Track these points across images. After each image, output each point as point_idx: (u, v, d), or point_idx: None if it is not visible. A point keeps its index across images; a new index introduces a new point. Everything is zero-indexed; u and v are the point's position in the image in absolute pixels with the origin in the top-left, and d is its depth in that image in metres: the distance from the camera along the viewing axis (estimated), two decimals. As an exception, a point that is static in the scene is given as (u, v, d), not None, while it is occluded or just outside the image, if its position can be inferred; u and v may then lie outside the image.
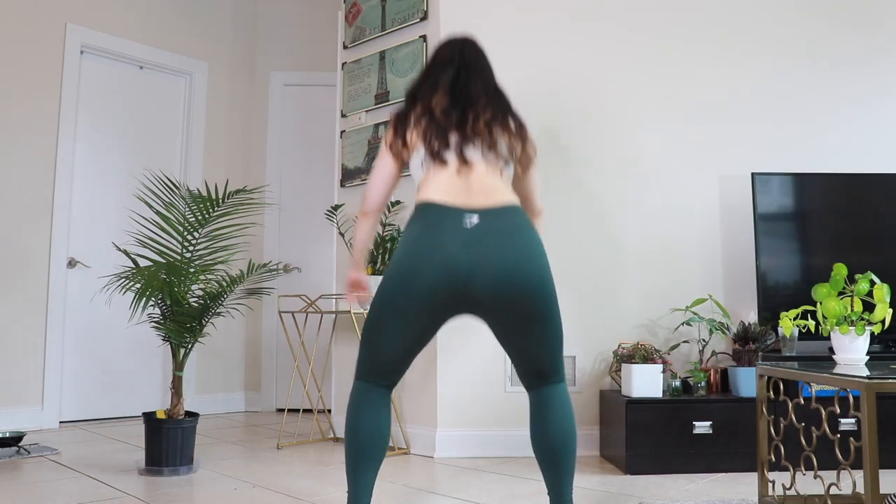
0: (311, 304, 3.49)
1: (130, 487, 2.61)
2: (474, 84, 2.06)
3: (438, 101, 2.03)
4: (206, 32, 4.82)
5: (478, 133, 1.97)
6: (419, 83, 2.12)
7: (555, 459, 1.92)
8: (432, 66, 2.14)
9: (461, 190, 1.91)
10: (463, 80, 2.06)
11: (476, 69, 2.11)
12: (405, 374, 2.00)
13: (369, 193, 2.08)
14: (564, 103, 3.46)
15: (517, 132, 2.05)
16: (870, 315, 2.10)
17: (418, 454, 3.30)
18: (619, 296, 3.39)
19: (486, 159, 1.95)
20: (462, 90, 2.04)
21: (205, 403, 4.57)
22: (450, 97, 2.03)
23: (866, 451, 1.68)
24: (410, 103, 2.08)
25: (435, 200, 1.90)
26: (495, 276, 1.82)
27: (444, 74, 2.08)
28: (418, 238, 1.87)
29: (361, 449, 1.91)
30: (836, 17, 3.63)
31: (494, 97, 2.07)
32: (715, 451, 2.92)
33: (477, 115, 1.99)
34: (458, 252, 1.82)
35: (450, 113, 2.00)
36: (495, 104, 2.05)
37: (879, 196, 3.40)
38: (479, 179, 1.93)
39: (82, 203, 4.23)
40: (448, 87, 2.05)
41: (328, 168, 4.55)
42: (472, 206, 1.87)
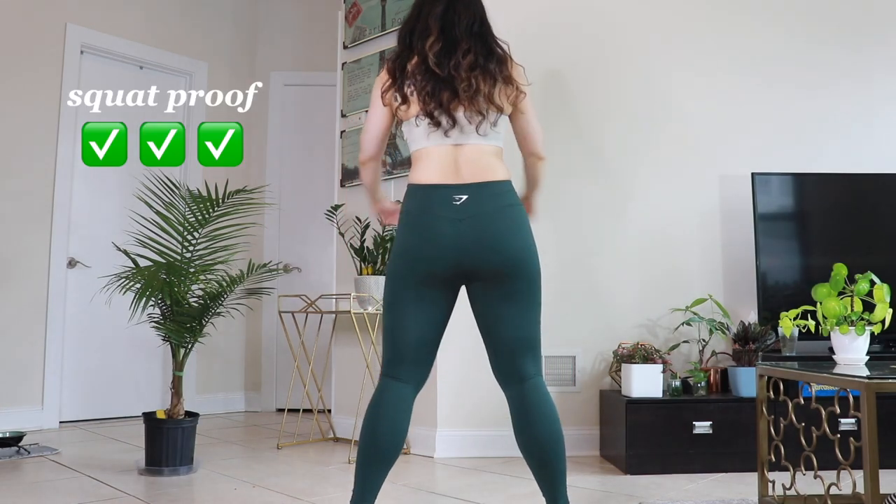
0: (311, 304, 3.49)
1: (130, 487, 2.61)
2: (460, 19, 2.01)
3: (432, 45, 1.97)
4: (206, 32, 4.82)
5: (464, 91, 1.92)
6: (411, 23, 2.06)
7: (546, 463, 1.91)
8: (422, 1, 2.08)
9: (450, 165, 1.94)
10: (450, 16, 2.01)
11: (462, 1, 2.05)
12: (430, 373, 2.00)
13: (365, 142, 2.10)
14: (564, 99, 3.46)
15: (500, 76, 1.98)
16: (870, 315, 2.10)
17: (418, 454, 3.30)
18: (619, 296, 3.39)
19: (473, 122, 1.94)
20: (449, 28, 1.99)
21: (205, 403, 4.56)
22: (442, 40, 1.98)
23: (866, 451, 1.68)
24: (406, 49, 2.03)
25: (426, 182, 1.95)
26: (481, 250, 1.88)
27: (435, 9, 2.02)
28: (413, 219, 1.94)
29: (377, 451, 1.90)
30: (837, 17, 3.63)
31: (478, 36, 2.01)
32: (715, 451, 2.91)
33: (458, 62, 1.95)
34: (448, 228, 1.88)
35: (442, 61, 1.95)
36: (478, 44, 2.00)
37: (879, 196, 3.40)
38: (468, 154, 1.95)
39: (82, 203, 4.23)
40: (439, 27, 2.00)
41: (328, 168, 4.54)
42: (460, 183, 1.92)
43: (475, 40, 2.00)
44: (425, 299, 1.93)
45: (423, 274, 1.91)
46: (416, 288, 1.92)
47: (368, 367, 3.31)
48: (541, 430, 1.90)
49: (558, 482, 1.92)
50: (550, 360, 3.31)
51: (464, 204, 1.90)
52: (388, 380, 1.95)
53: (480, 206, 1.90)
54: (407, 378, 1.95)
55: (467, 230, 1.88)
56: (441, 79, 1.94)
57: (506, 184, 1.97)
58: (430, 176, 1.95)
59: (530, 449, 1.92)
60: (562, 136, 3.44)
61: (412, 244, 1.93)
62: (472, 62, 1.96)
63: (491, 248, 1.89)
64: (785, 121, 3.54)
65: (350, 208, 3.71)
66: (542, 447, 1.90)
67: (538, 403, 1.92)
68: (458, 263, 1.90)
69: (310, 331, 3.86)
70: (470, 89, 1.93)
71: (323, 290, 3.82)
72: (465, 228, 1.89)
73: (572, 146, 3.44)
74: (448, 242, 1.89)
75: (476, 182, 1.92)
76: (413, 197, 1.97)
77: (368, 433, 1.91)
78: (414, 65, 1.98)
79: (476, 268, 1.91)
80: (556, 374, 3.32)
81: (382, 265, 3.44)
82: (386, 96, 2.01)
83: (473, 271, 1.91)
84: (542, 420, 1.90)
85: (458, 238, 1.88)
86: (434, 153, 1.96)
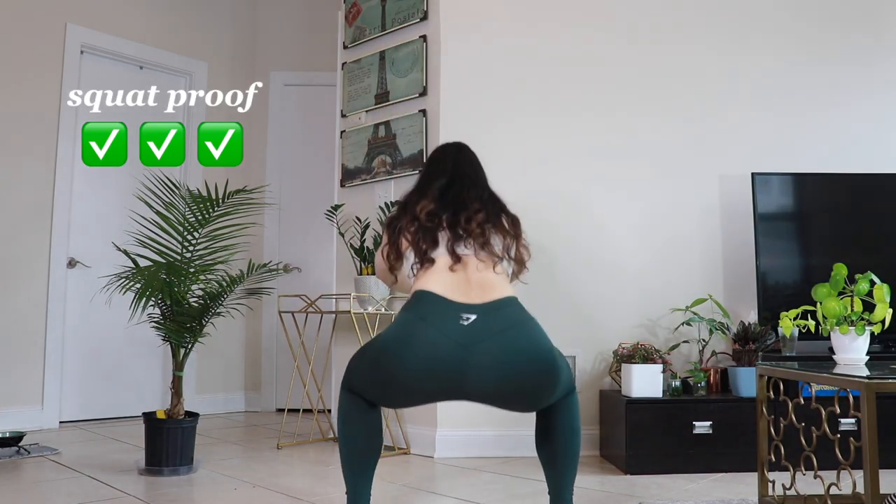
0: (311, 304, 3.49)
1: (130, 487, 2.61)
2: (468, 191, 2.08)
3: (424, 206, 2.04)
4: (206, 32, 4.82)
5: (470, 233, 1.97)
6: (411, 192, 2.15)
7: (558, 459, 1.94)
8: (425, 175, 2.19)
9: (459, 285, 1.88)
10: (456, 189, 2.09)
11: (469, 177, 2.14)
12: None
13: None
14: (565, 101, 3.46)
15: (511, 230, 2.06)
16: (870, 315, 2.10)
17: (418, 454, 3.29)
18: (619, 296, 3.39)
19: (478, 256, 1.95)
20: (454, 196, 2.06)
21: (205, 403, 4.56)
22: (437, 203, 2.04)
23: (866, 451, 1.68)
24: (401, 211, 2.10)
25: (433, 290, 1.86)
26: (496, 373, 1.79)
27: (437, 183, 2.11)
28: (410, 327, 1.82)
29: (358, 453, 1.93)
30: (836, 17, 3.63)
31: (489, 201, 2.09)
32: (715, 451, 2.91)
33: (469, 217, 2.00)
34: (451, 352, 1.76)
35: (435, 215, 2.01)
36: (489, 206, 2.07)
37: (879, 196, 3.40)
38: (475, 275, 1.92)
39: (82, 203, 4.23)
40: (437, 194, 2.07)
41: (328, 168, 4.54)
42: (469, 303, 1.83)
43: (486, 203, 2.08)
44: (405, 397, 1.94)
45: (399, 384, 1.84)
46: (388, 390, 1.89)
47: (368, 367, 3.31)
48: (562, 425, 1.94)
49: (568, 477, 1.97)
50: (550, 360, 3.31)
51: (472, 325, 1.80)
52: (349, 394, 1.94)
53: (489, 327, 1.80)
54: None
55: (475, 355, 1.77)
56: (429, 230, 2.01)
57: (513, 300, 1.91)
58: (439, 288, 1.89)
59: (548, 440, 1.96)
60: (562, 136, 3.45)
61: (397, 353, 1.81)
62: (485, 218, 2.02)
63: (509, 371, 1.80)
64: (785, 121, 3.54)
65: (350, 208, 3.71)
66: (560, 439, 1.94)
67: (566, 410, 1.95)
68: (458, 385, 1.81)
69: (310, 331, 3.86)
70: (482, 238, 1.98)
71: (323, 290, 3.82)
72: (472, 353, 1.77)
73: (572, 146, 3.44)
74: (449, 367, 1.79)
75: (485, 302, 1.86)
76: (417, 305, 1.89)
77: (346, 441, 1.93)
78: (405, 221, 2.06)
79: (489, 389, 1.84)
80: (556, 374, 3.32)
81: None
82: (385, 255, 2.09)
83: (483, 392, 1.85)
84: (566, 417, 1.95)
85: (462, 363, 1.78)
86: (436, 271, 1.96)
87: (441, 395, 1.90)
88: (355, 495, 1.92)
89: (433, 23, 3.47)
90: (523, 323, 1.85)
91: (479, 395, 1.85)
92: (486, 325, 1.79)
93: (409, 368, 1.78)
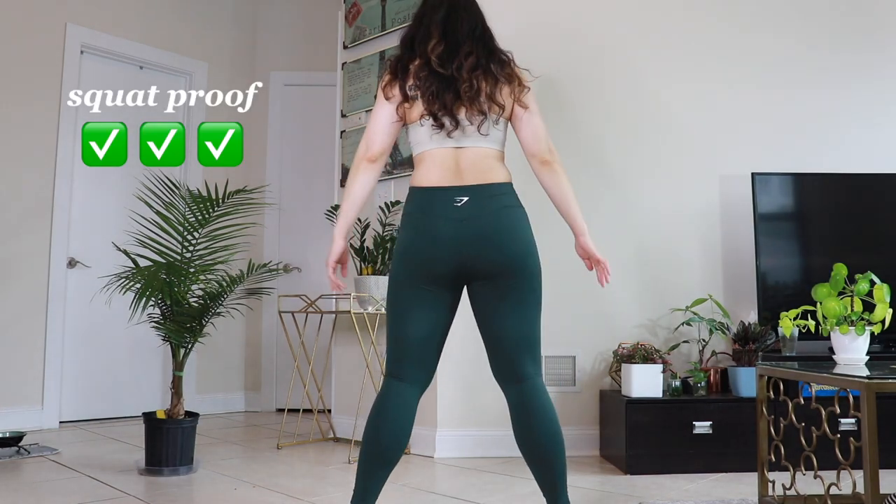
0: (311, 304, 3.49)
1: (130, 487, 2.61)
2: (461, 24, 2.04)
3: (434, 47, 2.00)
4: (206, 32, 4.82)
5: (465, 93, 1.94)
6: (413, 29, 2.08)
7: (545, 463, 1.91)
8: (423, 9, 2.11)
9: (452, 168, 1.95)
10: (452, 21, 2.04)
11: (462, 7, 2.09)
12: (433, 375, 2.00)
13: (372, 137, 2.00)
14: (564, 101, 3.46)
15: (502, 74, 2.00)
16: (870, 315, 2.10)
17: (418, 454, 3.29)
18: (619, 296, 3.39)
19: (474, 122, 1.95)
20: (451, 32, 2.02)
21: (205, 403, 4.56)
22: (444, 43, 2.00)
23: (866, 451, 1.68)
24: (408, 51, 2.04)
25: (428, 184, 1.95)
26: (481, 250, 1.89)
27: (436, 16, 2.05)
28: (415, 220, 1.95)
29: (380, 452, 1.90)
30: (837, 17, 3.63)
31: (480, 39, 2.04)
32: (715, 451, 2.91)
33: (461, 64, 1.97)
34: (449, 229, 1.89)
35: (445, 62, 1.97)
36: (480, 46, 2.02)
37: (879, 196, 3.40)
38: (469, 156, 1.96)
39: (82, 203, 4.23)
40: (440, 32, 2.03)
41: (328, 168, 4.54)
42: (462, 185, 1.93)
43: (477, 43, 2.03)
44: (427, 300, 1.94)
45: (425, 274, 1.92)
46: (417, 289, 1.93)
47: (368, 367, 3.31)
48: (540, 431, 1.90)
49: (558, 482, 1.92)
50: (550, 360, 3.31)
51: (465, 205, 1.91)
52: (391, 380, 1.96)
53: (481, 207, 1.92)
54: (410, 378, 1.95)
55: (468, 230, 1.90)
56: (445, 79, 1.95)
57: (506, 185, 1.99)
58: (432, 178, 1.96)
59: (530, 449, 1.93)
60: (562, 136, 3.44)
61: (413, 245, 1.94)
62: (474, 63, 1.98)
63: (492, 248, 1.90)
64: (785, 121, 3.54)
65: (350, 208, 3.70)
66: (542, 447, 1.91)
67: (537, 404, 1.92)
68: (459, 263, 1.91)
69: (310, 331, 3.86)
70: (471, 90, 1.94)
71: (323, 290, 3.82)
72: (465, 229, 1.90)
73: (573, 146, 3.44)
74: (449, 242, 1.90)
75: (477, 184, 1.94)
76: (414, 199, 1.98)
77: (372, 434, 1.91)
78: (417, 66, 1.99)
79: (476, 267, 1.92)
80: (556, 374, 3.32)
81: (382, 265, 3.44)
82: (388, 91, 2.00)
83: (474, 271, 1.93)
84: (541, 420, 1.91)
85: (458, 238, 1.90)
86: (437, 156, 1.97)
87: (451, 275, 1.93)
88: (364, 496, 1.90)
89: (433, 23, 3.46)
90: (511, 206, 1.96)
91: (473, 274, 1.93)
92: (478, 206, 1.91)
93: (426, 249, 1.91)
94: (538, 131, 2.04)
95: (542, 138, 2.05)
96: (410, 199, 2.00)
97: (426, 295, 1.94)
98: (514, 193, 2.00)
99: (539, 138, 2.04)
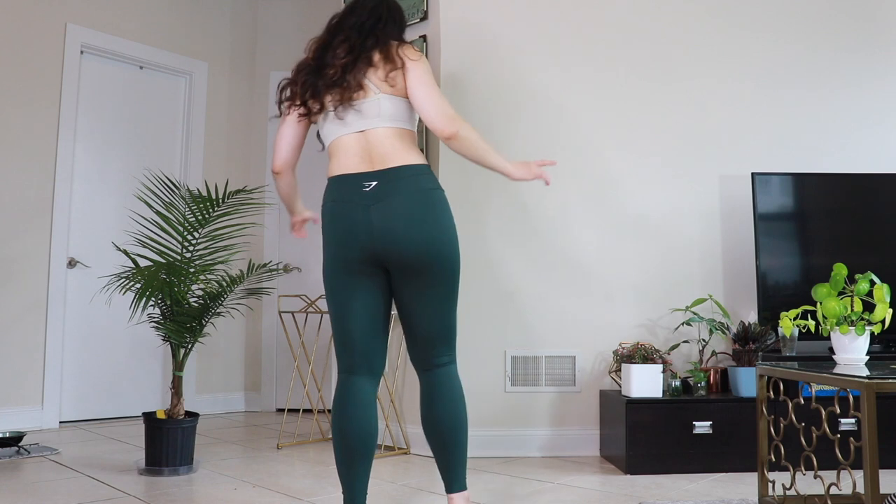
0: (311, 304, 3.49)
1: (130, 487, 2.61)
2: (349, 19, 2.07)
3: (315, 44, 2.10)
4: (206, 32, 4.82)
5: (330, 79, 1.98)
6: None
7: (445, 444, 1.96)
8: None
9: (360, 153, 1.97)
10: (345, 19, 2.09)
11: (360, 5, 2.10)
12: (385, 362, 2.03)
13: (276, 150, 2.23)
14: (565, 102, 3.46)
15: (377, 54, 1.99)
16: (870, 315, 2.10)
17: (418, 454, 3.29)
18: (619, 296, 3.39)
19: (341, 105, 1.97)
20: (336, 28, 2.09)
21: (205, 403, 4.57)
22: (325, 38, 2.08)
23: (866, 451, 1.68)
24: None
25: (339, 173, 1.99)
26: (390, 238, 1.89)
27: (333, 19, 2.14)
28: (329, 209, 2.00)
29: (351, 449, 1.91)
30: (837, 18, 3.63)
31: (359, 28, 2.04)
32: (715, 451, 2.91)
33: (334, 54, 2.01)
34: (361, 215, 1.91)
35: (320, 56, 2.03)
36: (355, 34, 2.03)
37: (879, 196, 3.40)
38: (372, 139, 1.97)
39: (82, 203, 4.23)
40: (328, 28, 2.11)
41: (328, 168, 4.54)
42: (371, 170, 1.94)
43: (354, 31, 2.03)
44: (357, 288, 1.95)
45: (346, 263, 1.94)
46: (344, 278, 1.95)
47: (368, 367, 3.31)
48: (442, 412, 1.95)
49: (456, 464, 1.96)
50: (550, 360, 3.31)
51: (373, 190, 1.91)
52: (344, 375, 1.98)
53: (389, 191, 1.91)
54: (362, 370, 1.96)
55: (377, 216, 1.90)
56: (314, 70, 2.01)
57: (417, 167, 1.95)
58: (343, 166, 1.98)
59: (432, 429, 1.97)
60: (562, 135, 3.45)
61: (331, 235, 1.98)
62: (347, 49, 1.99)
63: (399, 236, 1.89)
64: (785, 121, 3.54)
65: (350, 208, 3.70)
66: (443, 428, 1.95)
67: (445, 389, 1.97)
68: (372, 249, 1.91)
69: (310, 331, 3.86)
70: (335, 75, 1.96)
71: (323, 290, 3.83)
72: (374, 215, 1.90)
73: (573, 146, 3.44)
74: (360, 228, 1.91)
75: (385, 168, 1.93)
76: (329, 189, 2.02)
77: (339, 434, 1.92)
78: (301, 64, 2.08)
79: (387, 256, 1.91)
80: (556, 374, 3.32)
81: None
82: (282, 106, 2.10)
83: (386, 259, 1.93)
84: (445, 402, 1.96)
85: (368, 224, 1.90)
86: (343, 143, 2.01)
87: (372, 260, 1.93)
88: (352, 495, 1.91)
89: (433, 23, 3.47)
90: (421, 190, 1.92)
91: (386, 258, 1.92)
92: (385, 190, 1.90)
93: (342, 237, 1.93)
94: (429, 106, 1.96)
95: (433, 112, 1.96)
96: (326, 189, 2.04)
97: (355, 285, 1.94)
98: (428, 175, 1.97)
99: (430, 112, 1.96)
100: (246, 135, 4.99)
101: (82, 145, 4.24)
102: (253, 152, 4.98)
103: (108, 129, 4.37)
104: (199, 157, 4.71)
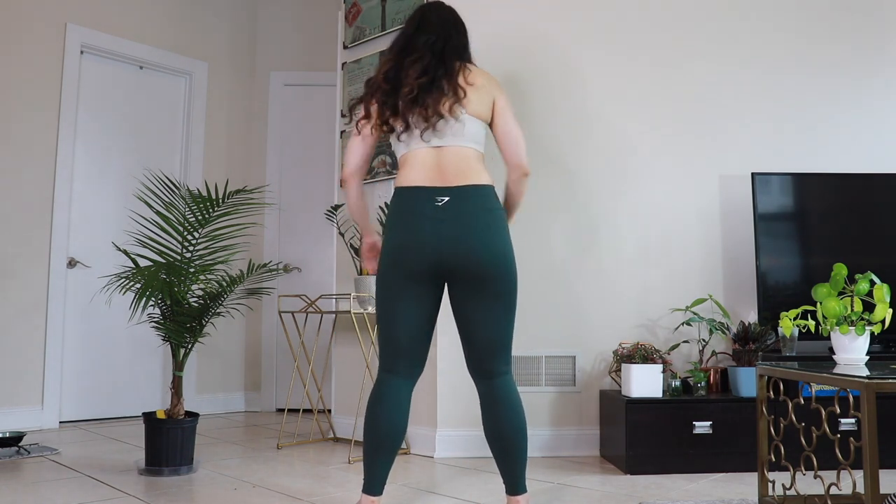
0: (311, 304, 3.49)
1: (130, 487, 2.61)
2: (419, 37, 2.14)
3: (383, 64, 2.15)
4: (206, 32, 4.82)
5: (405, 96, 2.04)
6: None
7: (509, 452, 2.05)
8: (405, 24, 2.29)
9: (433, 168, 2.04)
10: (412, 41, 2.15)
11: (427, 26, 2.18)
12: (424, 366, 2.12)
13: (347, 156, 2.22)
14: (559, 101, 3.46)
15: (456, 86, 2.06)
16: (870, 315, 2.10)
17: (418, 454, 3.30)
18: (619, 296, 3.39)
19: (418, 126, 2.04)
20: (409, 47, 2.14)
21: (205, 403, 4.57)
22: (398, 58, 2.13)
23: (866, 451, 1.68)
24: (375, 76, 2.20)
25: (412, 185, 2.04)
26: (458, 251, 1.98)
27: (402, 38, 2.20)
28: (399, 221, 2.04)
29: (380, 442, 2.04)
30: (837, 18, 3.63)
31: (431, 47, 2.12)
32: (715, 451, 2.91)
33: (406, 74, 2.06)
34: (429, 227, 1.99)
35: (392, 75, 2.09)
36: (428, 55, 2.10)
37: (879, 196, 3.40)
38: (449, 156, 2.05)
39: (82, 203, 4.23)
40: (398, 49, 2.16)
41: (328, 168, 4.55)
42: (443, 186, 2.02)
43: (427, 50, 2.11)
44: (411, 296, 2.03)
45: (407, 271, 2.01)
46: (401, 284, 2.03)
47: (368, 367, 3.31)
48: (506, 421, 2.04)
49: (518, 471, 2.07)
50: (550, 360, 3.31)
51: (445, 206, 1.99)
52: (384, 374, 2.09)
53: (461, 208, 2.00)
54: (403, 373, 2.08)
55: (447, 230, 1.98)
56: (390, 91, 2.07)
57: (487, 188, 2.06)
58: (416, 178, 2.05)
59: (497, 437, 2.06)
60: (562, 135, 3.45)
61: (396, 242, 2.04)
62: (420, 70, 2.06)
63: (468, 250, 1.98)
64: (785, 121, 3.54)
65: (350, 208, 3.70)
66: (507, 439, 2.04)
67: (506, 399, 2.05)
68: (438, 261, 1.99)
69: (310, 331, 3.86)
70: (411, 93, 2.03)
71: (323, 290, 3.83)
72: (445, 228, 1.98)
73: (573, 146, 3.45)
74: (428, 240, 1.98)
75: (458, 185, 2.02)
76: (399, 198, 2.07)
77: (371, 427, 2.05)
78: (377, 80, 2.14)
79: (453, 268, 2.00)
80: (556, 374, 3.32)
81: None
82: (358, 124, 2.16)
83: (451, 271, 2.01)
84: (508, 412, 2.04)
85: (437, 236, 1.98)
86: (419, 156, 2.07)
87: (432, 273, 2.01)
88: (373, 481, 2.04)
89: (433, 23, 3.46)
90: (488, 210, 2.02)
91: (450, 272, 2.01)
92: (456, 207, 1.99)
93: (409, 246, 2.00)
94: (510, 140, 2.15)
95: (516, 149, 2.15)
96: (394, 197, 2.10)
97: (409, 291, 2.03)
98: (495, 196, 2.07)
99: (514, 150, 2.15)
100: (246, 135, 4.99)
101: (82, 145, 4.24)
102: (253, 152, 4.98)
103: (108, 128, 4.37)
104: (199, 157, 4.71)
